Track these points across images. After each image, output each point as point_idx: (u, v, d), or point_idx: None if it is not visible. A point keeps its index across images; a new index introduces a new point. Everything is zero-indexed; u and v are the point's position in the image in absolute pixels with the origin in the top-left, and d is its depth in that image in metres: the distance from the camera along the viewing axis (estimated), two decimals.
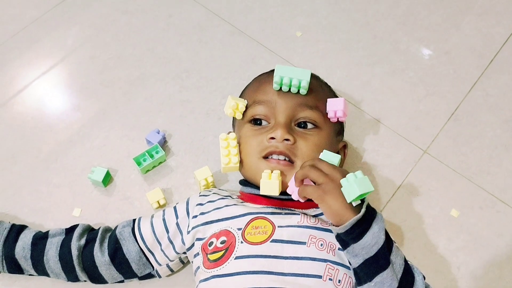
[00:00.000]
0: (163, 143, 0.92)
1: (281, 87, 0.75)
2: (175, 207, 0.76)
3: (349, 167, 0.89)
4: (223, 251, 0.67)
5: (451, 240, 0.83)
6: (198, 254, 0.71)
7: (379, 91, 1.00)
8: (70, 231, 0.77)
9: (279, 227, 0.68)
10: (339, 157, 0.69)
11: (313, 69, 0.78)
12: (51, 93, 1.00)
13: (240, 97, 0.82)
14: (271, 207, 0.72)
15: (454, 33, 1.08)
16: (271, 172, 0.70)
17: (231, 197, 0.76)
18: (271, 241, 0.66)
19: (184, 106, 0.97)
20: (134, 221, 0.76)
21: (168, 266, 0.76)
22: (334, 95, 0.83)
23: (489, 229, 0.84)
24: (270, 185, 0.68)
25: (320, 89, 0.79)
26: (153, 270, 0.76)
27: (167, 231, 0.74)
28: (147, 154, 0.88)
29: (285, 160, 0.72)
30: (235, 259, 0.65)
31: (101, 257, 0.73)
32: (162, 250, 0.74)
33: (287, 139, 0.71)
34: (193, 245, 0.72)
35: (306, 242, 0.66)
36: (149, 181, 0.89)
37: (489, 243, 0.83)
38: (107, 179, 0.87)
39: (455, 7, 1.12)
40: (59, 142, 0.93)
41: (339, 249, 0.66)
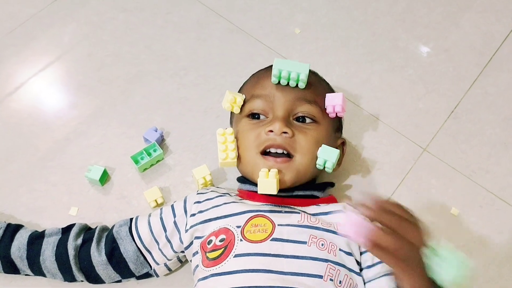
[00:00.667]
0: (161, 141, 0.91)
1: (279, 81, 0.74)
2: (172, 206, 0.76)
3: (347, 165, 0.88)
4: (222, 249, 0.66)
5: (451, 238, 0.82)
6: (197, 252, 0.70)
7: (378, 88, 1.00)
8: (66, 230, 0.76)
9: (279, 225, 0.67)
10: (338, 151, 0.68)
11: (312, 66, 0.77)
12: (48, 90, 0.99)
13: (238, 92, 0.82)
14: (270, 205, 0.71)
15: (453, 31, 1.08)
16: (268, 171, 0.70)
17: (229, 194, 0.75)
18: (271, 240, 0.66)
19: (182, 104, 0.97)
20: (131, 220, 0.76)
21: (166, 265, 0.75)
22: (332, 91, 0.83)
23: (488, 227, 0.84)
24: (267, 184, 0.68)
25: (318, 84, 0.79)
26: (151, 269, 0.75)
27: (165, 230, 0.73)
28: (144, 152, 0.87)
29: (283, 154, 0.72)
30: (234, 257, 0.65)
31: (98, 257, 0.72)
32: (159, 249, 0.73)
33: (285, 132, 0.71)
34: (191, 243, 0.71)
35: (306, 241, 0.65)
36: (146, 179, 0.88)
37: (489, 241, 0.82)
38: (104, 178, 0.86)
39: (454, 4, 1.12)
40: (56, 140, 0.92)
41: (340, 249, 0.66)
